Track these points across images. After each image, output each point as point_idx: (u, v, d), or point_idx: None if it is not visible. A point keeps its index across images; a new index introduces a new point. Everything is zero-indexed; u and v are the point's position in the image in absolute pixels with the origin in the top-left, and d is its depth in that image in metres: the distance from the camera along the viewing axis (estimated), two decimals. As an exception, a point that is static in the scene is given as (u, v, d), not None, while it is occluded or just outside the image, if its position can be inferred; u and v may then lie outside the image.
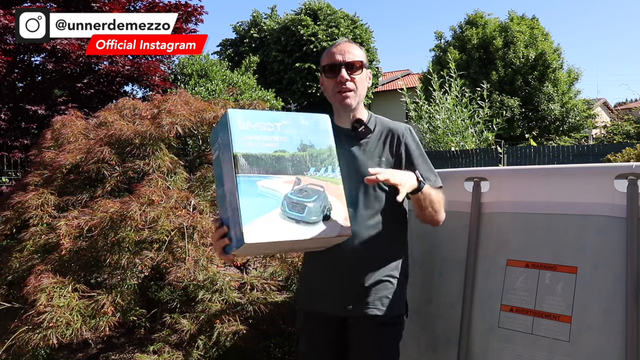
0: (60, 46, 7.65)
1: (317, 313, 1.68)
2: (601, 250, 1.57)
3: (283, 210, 1.37)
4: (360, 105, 1.70)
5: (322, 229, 1.40)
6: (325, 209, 1.42)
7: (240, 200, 1.33)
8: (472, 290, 1.82)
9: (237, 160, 1.36)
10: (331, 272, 1.63)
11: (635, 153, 5.05)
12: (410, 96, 12.72)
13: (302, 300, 1.76)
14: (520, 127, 18.67)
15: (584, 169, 1.73)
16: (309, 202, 1.41)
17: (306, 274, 1.75)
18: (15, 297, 2.62)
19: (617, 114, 22.43)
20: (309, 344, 1.72)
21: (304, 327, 1.74)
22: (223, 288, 2.42)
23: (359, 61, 1.65)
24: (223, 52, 22.73)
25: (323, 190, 1.44)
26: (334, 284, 1.63)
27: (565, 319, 1.60)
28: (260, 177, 1.37)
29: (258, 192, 1.35)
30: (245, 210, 1.32)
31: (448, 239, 1.93)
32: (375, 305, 1.61)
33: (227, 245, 1.39)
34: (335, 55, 1.64)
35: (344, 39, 1.74)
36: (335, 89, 1.65)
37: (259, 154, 1.39)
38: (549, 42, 19.72)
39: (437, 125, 11.91)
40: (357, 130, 1.66)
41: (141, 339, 2.63)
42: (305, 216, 1.39)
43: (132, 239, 2.46)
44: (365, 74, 1.68)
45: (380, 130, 1.69)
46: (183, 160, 3.11)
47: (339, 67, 1.63)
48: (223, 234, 1.38)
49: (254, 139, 1.40)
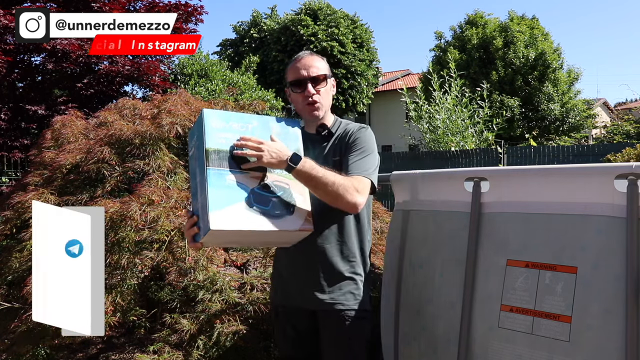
0: (60, 46, 7.65)
1: (288, 307, 1.80)
2: (601, 250, 1.57)
3: (248, 203, 1.46)
4: (327, 113, 1.83)
5: (285, 222, 1.50)
6: (289, 204, 1.52)
7: (208, 190, 1.42)
8: (472, 290, 1.82)
9: (208, 154, 1.46)
10: (298, 268, 1.74)
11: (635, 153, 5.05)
12: (410, 96, 12.72)
13: (274, 296, 1.89)
14: (520, 127, 18.67)
15: (584, 169, 1.73)
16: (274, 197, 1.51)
17: (276, 270, 1.87)
18: (15, 297, 2.61)
19: (617, 114, 22.42)
20: (282, 336, 1.86)
21: (277, 321, 1.87)
22: (223, 288, 2.42)
23: (322, 74, 1.76)
24: (223, 52, 22.72)
25: (288, 187, 1.54)
26: (301, 279, 1.75)
27: (565, 319, 1.60)
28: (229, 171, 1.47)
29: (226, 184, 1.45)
30: (212, 199, 1.41)
31: (448, 239, 1.93)
32: (340, 300, 1.73)
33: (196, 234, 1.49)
34: (300, 71, 1.75)
35: (306, 52, 1.82)
36: (303, 103, 1.76)
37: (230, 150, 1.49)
38: (549, 42, 19.72)
39: (437, 125, 11.91)
40: (321, 135, 1.78)
41: (141, 339, 2.63)
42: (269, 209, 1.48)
43: (132, 239, 2.46)
44: (329, 84, 1.80)
45: (340, 133, 1.81)
46: (183, 160, 3.11)
47: (305, 82, 1.74)
48: (193, 223, 1.49)
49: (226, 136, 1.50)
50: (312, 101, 1.74)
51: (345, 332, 1.73)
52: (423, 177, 2.07)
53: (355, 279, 1.76)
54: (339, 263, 1.74)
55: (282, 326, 1.85)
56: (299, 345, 1.82)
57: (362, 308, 1.76)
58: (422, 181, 2.06)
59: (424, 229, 2.03)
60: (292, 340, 1.83)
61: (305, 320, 1.78)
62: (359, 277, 1.77)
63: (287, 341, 1.85)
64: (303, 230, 1.52)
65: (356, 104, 21.72)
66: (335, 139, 1.79)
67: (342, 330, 1.73)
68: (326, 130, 1.79)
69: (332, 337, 1.74)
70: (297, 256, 1.73)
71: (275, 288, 1.88)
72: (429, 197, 2.03)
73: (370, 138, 1.79)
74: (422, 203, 2.03)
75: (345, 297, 1.73)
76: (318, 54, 1.84)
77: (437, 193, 2.01)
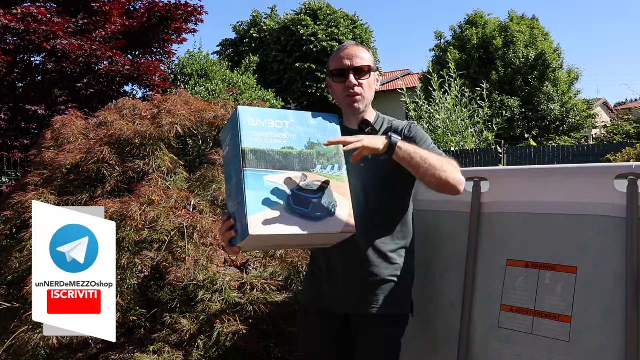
0: (60, 46, 7.64)
1: (320, 310, 1.70)
2: (601, 250, 1.57)
3: (288, 205, 1.38)
4: (368, 107, 1.72)
5: (326, 224, 1.41)
6: (330, 205, 1.43)
7: (246, 193, 1.35)
8: (472, 290, 1.82)
9: (245, 154, 1.38)
10: (336, 270, 1.64)
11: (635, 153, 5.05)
12: (410, 96, 12.71)
13: (307, 297, 1.77)
14: (520, 127, 18.66)
15: (584, 169, 1.73)
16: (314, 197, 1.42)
17: (312, 271, 1.77)
18: (15, 297, 2.62)
19: (617, 114, 22.41)
20: (309, 340, 1.73)
21: (305, 324, 1.75)
22: (223, 288, 2.42)
23: (367, 66, 1.66)
24: (223, 52, 22.71)
25: (328, 187, 1.45)
26: (339, 281, 1.64)
27: (565, 319, 1.60)
28: (267, 172, 1.39)
29: (264, 186, 1.37)
30: (251, 203, 1.34)
31: (448, 239, 1.93)
32: (380, 304, 1.62)
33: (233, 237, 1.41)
34: (344, 60, 1.66)
35: (352, 42, 1.75)
36: (344, 94, 1.67)
37: (267, 150, 1.41)
38: (549, 42, 19.71)
39: (437, 125, 11.91)
40: (364, 132, 1.66)
41: (141, 339, 2.63)
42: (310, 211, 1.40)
43: (132, 239, 2.46)
44: (373, 77, 1.70)
45: (385, 129, 1.71)
46: (183, 160, 3.11)
47: (347, 72, 1.64)
48: (230, 227, 1.40)
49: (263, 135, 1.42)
50: (353, 92, 1.65)
51: (382, 338, 1.64)
52: (423, 177, 2.07)
53: (399, 281, 1.65)
54: (382, 264, 1.63)
55: (310, 327, 1.74)
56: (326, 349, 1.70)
57: (401, 313, 1.68)
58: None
59: (424, 229, 2.03)
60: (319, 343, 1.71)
61: (337, 323, 1.68)
62: (401, 280, 1.66)
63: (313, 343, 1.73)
64: (345, 233, 1.44)
65: (356, 104, 21.68)
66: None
67: (380, 336, 1.63)
68: (370, 127, 1.69)
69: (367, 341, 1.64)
70: (335, 257, 1.63)
71: (308, 288, 1.78)
72: (429, 197, 2.03)
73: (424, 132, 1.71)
74: (422, 203, 2.03)
75: (386, 301, 1.63)
76: (365, 46, 1.75)
77: (437, 193, 2.00)
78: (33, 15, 7.54)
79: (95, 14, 8.55)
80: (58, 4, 8.34)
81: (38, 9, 7.66)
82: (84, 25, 8.31)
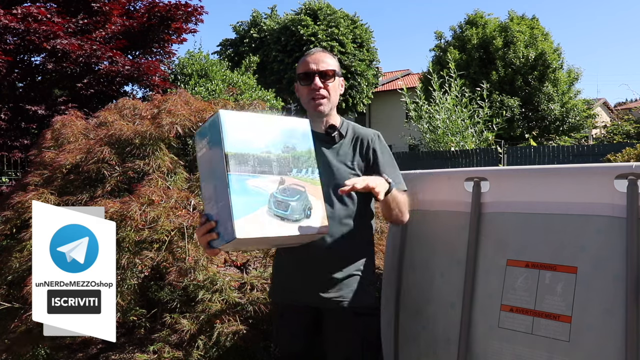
0: (60, 46, 7.64)
1: (292, 306, 1.80)
2: (601, 250, 1.57)
3: (270, 208, 1.45)
4: (333, 111, 1.81)
5: (304, 226, 1.49)
6: (306, 207, 1.52)
7: (232, 197, 1.39)
8: (472, 290, 1.82)
9: (228, 159, 1.41)
10: (306, 267, 1.74)
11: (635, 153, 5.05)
12: (410, 96, 12.72)
13: (278, 293, 1.87)
14: (520, 127, 18.66)
15: (584, 169, 1.73)
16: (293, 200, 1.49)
17: (281, 268, 1.86)
18: (15, 297, 2.61)
19: (617, 114, 22.41)
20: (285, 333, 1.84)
21: (279, 320, 1.87)
22: (223, 288, 2.42)
23: (331, 70, 1.76)
24: (223, 52, 22.71)
25: (304, 190, 1.53)
26: (309, 277, 1.74)
27: (565, 319, 1.60)
28: (249, 176, 1.44)
29: (247, 189, 1.42)
30: (236, 206, 1.38)
31: (448, 239, 1.93)
32: (347, 297, 1.72)
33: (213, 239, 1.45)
34: (310, 64, 1.75)
35: (318, 49, 1.85)
36: (309, 96, 1.76)
37: (248, 154, 1.46)
38: (549, 42, 19.72)
39: (437, 125, 11.92)
40: (331, 136, 1.77)
41: (141, 339, 2.63)
42: (289, 214, 1.47)
43: (132, 239, 2.46)
44: (337, 82, 1.80)
45: (351, 136, 1.81)
46: (183, 160, 3.10)
47: (313, 75, 1.74)
48: (210, 229, 1.45)
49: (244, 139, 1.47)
50: (319, 95, 1.74)
51: (353, 330, 1.73)
52: (423, 177, 2.07)
53: (363, 275, 1.76)
54: (346, 261, 1.74)
55: (285, 323, 1.84)
56: (302, 342, 1.82)
57: (369, 305, 1.77)
58: (422, 181, 2.06)
59: (424, 229, 2.03)
60: (295, 337, 1.82)
61: (309, 318, 1.78)
62: (366, 274, 1.77)
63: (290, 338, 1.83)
64: (320, 233, 1.53)
65: (356, 104, 21.72)
66: (350, 143, 1.79)
67: (350, 328, 1.73)
68: (336, 131, 1.78)
69: (338, 334, 1.74)
70: (303, 254, 1.71)
71: (278, 285, 1.87)
72: (429, 197, 2.03)
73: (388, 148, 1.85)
74: (422, 203, 2.03)
75: (353, 295, 1.73)
76: (331, 53, 1.83)
77: (437, 193, 2.01)
78: (33, 15, 7.54)
79: (95, 14, 8.55)
80: (58, 4, 8.34)
81: (38, 9, 7.66)
82: (84, 25, 8.31)
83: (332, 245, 1.70)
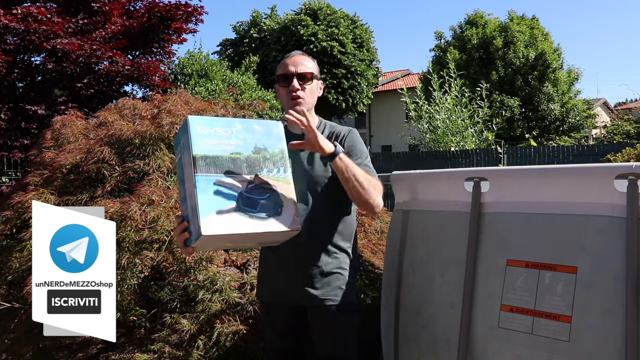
0: (60, 46, 7.64)
1: (278, 304, 1.85)
2: (601, 250, 1.57)
3: (238, 206, 1.50)
4: (311, 112, 1.86)
5: (274, 223, 1.54)
6: (277, 205, 1.56)
7: (198, 196, 1.46)
8: (472, 290, 1.82)
9: (195, 160, 1.50)
10: (286, 266, 1.78)
11: (635, 153, 5.05)
12: (410, 96, 12.72)
13: (264, 294, 1.92)
14: (520, 127, 18.67)
15: (584, 169, 1.73)
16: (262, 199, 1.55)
17: (264, 267, 1.91)
18: (15, 297, 2.61)
19: (617, 114, 22.41)
20: (271, 330, 1.90)
21: (267, 319, 1.92)
22: (223, 288, 2.42)
23: (309, 72, 1.83)
24: (223, 52, 22.71)
25: (275, 189, 1.58)
26: (291, 275, 1.78)
27: (565, 319, 1.60)
28: (216, 176, 1.51)
29: (215, 189, 1.49)
30: (202, 205, 1.45)
31: (448, 239, 1.93)
32: (329, 296, 1.77)
33: (187, 238, 1.53)
34: (289, 67, 1.82)
35: (297, 52, 1.92)
36: (287, 97, 1.82)
37: (216, 156, 1.54)
38: (549, 42, 19.73)
39: (437, 125, 11.91)
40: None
41: (141, 339, 2.63)
42: (258, 211, 1.52)
43: (132, 239, 2.46)
44: (315, 84, 1.86)
45: (327, 134, 1.85)
46: (183, 160, 3.10)
47: (291, 77, 1.80)
48: (183, 229, 1.53)
49: (212, 142, 1.55)
50: (296, 96, 1.79)
51: (336, 326, 1.78)
52: (423, 177, 2.07)
53: (343, 274, 1.80)
54: (327, 259, 1.78)
55: (271, 321, 1.89)
56: (287, 338, 1.87)
57: (351, 302, 1.81)
58: (422, 181, 2.06)
59: (424, 229, 2.03)
60: (281, 334, 1.88)
61: (294, 315, 1.83)
62: (346, 272, 1.81)
63: (276, 335, 1.89)
64: (292, 230, 1.57)
65: (356, 104, 21.72)
66: None
67: (333, 325, 1.78)
68: None
69: (323, 331, 1.79)
70: (286, 253, 1.76)
71: (263, 285, 1.92)
72: (429, 197, 2.03)
73: (362, 141, 1.87)
74: (422, 203, 2.03)
75: (335, 292, 1.77)
76: (310, 56, 1.90)
77: (437, 193, 2.01)
78: (33, 15, 7.54)
79: (95, 14, 8.56)
80: (58, 4, 8.34)
81: (38, 9, 7.66)
82: (84, 25, 8.31)
83: (311, 243, 1.74)
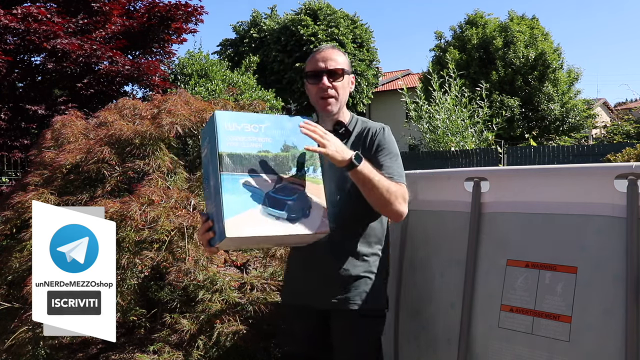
0: (60, 46, 7.64)
1: (299, 307, 1.76)
2: (601, 250, 1.57)
3: (264, 207, 1.44)
4: (342, 109, 1.76)
5: (301, 226, 1.47)
6: (305, 207, 1.49)
7: (223, 196, 1.40)
8: (472, 290, 1.82)
9: (221, 159, 1.43)
10: (313, 268, 1.70)
11: (635, 153, 5.06)
12: (410, 96, 12.72)
13: (286, 295, 1.86)
14: (520, 127, 18.67)
15: (584, 169, 1.73)
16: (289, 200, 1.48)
17: (290, 269, 1.85)
18: (15, 297, 2.61)
19: (617, 114, 22.42)
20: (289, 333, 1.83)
21: (286, 321, 1.85)
22: (223, 288, 2.42)
23: (340, 69, 1.71)
24: (223, 52, 22.71)
25: (303, 189, 1.50)
26: (316, 279, 1.70)
27: (565, 319, 1.60)
28: (243, 176, 1.44)
29: (240, 189, 1.43)
30: (227, 206, 1.39)
31: (448, 239, 1.93)
32: (355, 300, 1.68)
33: (211, 238, 1.47)
34: (318, 63, 1.71)
35: (327, 45, 1.80)
36: (317, 95, 1.72)
37: (243, 154, 1.46)
38: (549, 42, 19.73)
39: (437, 125, 11.92)
40: (338, 132, 1.72)
41: (141, 339, 2.63)
42: (285, 213, 1.45)
43: (132, 239, 2.46)
44: (347, 80, 1.74)
45: (358, 130, 1.76)
46: (183, 160, 3.11)
47: (321, 74, 1.69)
48: (208, 228, 1.47)
49: (239, 139, 1.47)
50: (327, 95, 1.70)
51: (358, 332, 1.69)
52: (423, 177, 2.08)
53: (372, 277, 1.71)
54: (356, 262, 1.69)
55: (291, 323, 1.82)
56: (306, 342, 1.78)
57: (377, 307, 1.73)
58: (422, 181, 2.06)
59: (424, 229, 2.03)
60: (300, 338, 1.79)
61: (315, 318, 1.74)
62: (375, 275, 1.72)
63: (294, 338, 1.81)
64: (320, 233, 1.50)
65: (356, 104, 21.71)
66: (358, 137, 1.74)
67: (355, 330, 1.69)
68: (343, 127, 1.73)
69: (344, 337, 1.71)
70: (311, 255, 1.67)
71: (287, 286, 1.86)
72: (429, 197, 2.03)
73: (393, 139, 1.76)
74: (422, 203, 2.03)
75: (361, 297, 1.69)
76: (340, 49, 1.79)
77: (437, 193, 2.01)
78: (33, 15, 7.53)
79: (95, 14, 8.54)
80: (58, 4, 8.33)
81: (38, 9, 7.65)
82: (84, 25, 8.31)
83: (339, 245, 1.66)
